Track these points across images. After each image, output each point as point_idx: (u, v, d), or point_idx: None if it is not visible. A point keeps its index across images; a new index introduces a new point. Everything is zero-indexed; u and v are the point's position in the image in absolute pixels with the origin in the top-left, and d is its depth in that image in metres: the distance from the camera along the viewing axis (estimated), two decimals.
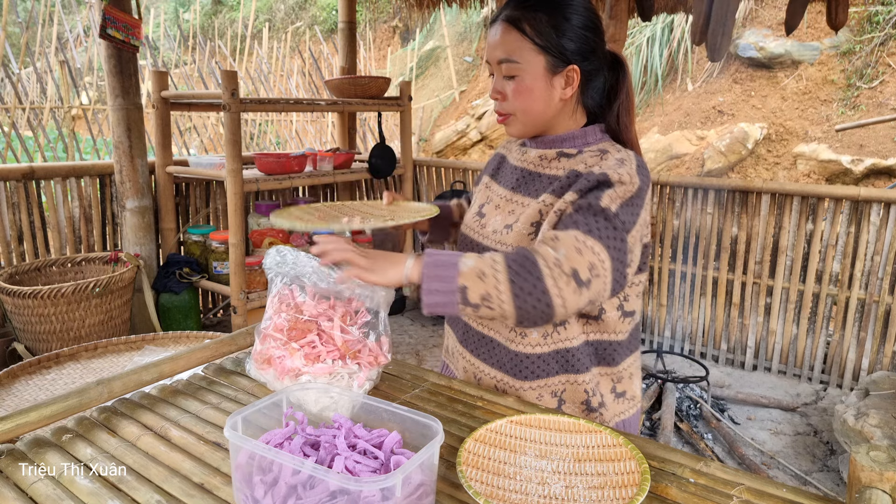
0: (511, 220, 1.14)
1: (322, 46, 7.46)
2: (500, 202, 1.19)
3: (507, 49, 1.08)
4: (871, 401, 2.43)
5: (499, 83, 1.12)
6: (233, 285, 2.90)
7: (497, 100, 1.13)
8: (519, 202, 1.15)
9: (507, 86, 1.10)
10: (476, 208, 1.24)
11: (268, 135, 7.27)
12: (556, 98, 1.10)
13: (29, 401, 1.85)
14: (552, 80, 1.09)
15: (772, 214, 3.14)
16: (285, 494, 0.69)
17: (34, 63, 5.30)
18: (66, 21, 5.92)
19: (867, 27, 6.20)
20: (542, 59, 1.07)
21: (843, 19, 2.49)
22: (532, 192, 1.14)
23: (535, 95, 1.09)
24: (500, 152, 1.32)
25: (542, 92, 1.09)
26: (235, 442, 0.73)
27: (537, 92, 1.09)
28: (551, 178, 1.13)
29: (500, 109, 1.14)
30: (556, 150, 1.15)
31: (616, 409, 1.15)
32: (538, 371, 1.11)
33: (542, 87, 1.09)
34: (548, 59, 1.07)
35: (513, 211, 1.15)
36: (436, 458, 0.73)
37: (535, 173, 1.17)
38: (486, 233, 1.17)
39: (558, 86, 1.09)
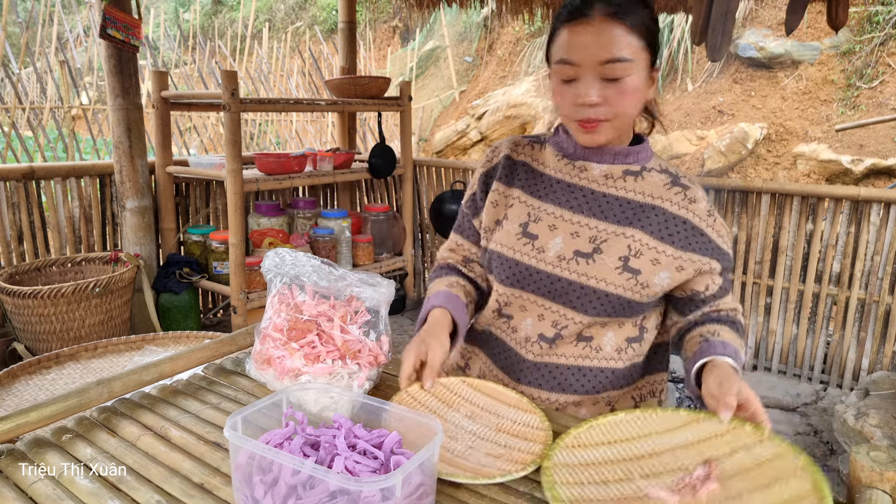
0: (582, 246, 1.04)
1: (322, 46, 7.46)
2: (557, 223, 1.07)
3: (616, 47, 0.94)
4: (871, 401, 2.43)
5: (597, 87, 0.96)
6: (233, 285, 2.90)
7: (594, 106, 0.97)
8: (586, 224, 1.05)
9: (608, 89, 0.96)
10: (516, 228, 1.09)
11: (268, 135, 7.27)
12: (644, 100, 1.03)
13: (29, 401, 1.85)
14: (647, 80, 1.01)
15: (772, 214, 3.13)
16: (285, 494, 0.69)
17: (34, 63, 5.30)
18: (66, 21, 5.92)
19: (867, 27, 6.20)
20: (647, 56, 0.99)
21: (843, 19, 2.48)
22: (602, 216, 1.05)
23: (639, 96, 0.99)
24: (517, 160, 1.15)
25: (644, 92, 1.00)
26: (235, 442, 0.73)
27: (642, 92, 0.99)
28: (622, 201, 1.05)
29: (597, 115, 0.98)
30: (620, 168, 1.07)
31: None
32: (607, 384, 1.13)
33: (645, 87, 1.00)
34: (650, 56, 0.99)
35: (578, 234, 1.05)
36: (436, 458, 0.74)
37: (601, 193, 1.07)
38: (548, 258, 1.05)
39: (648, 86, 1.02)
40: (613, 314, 1.05)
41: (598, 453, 0.84)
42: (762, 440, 0.81)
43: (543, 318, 1.08)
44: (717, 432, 0.84)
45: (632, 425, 0.88)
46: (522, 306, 1.10)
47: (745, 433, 0.83)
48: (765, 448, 0.80)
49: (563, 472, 0.79)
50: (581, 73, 0.97)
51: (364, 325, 1.03)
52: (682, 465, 0.80)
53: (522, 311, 1.10)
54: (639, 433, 0.87)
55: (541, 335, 1.08)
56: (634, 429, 0.88)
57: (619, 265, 1.02)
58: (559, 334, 1.07)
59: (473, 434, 0.92)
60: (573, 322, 1.06)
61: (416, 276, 4.17)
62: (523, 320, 1.10)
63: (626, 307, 1.04)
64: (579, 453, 0.84)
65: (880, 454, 0.74)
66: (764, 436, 0.81)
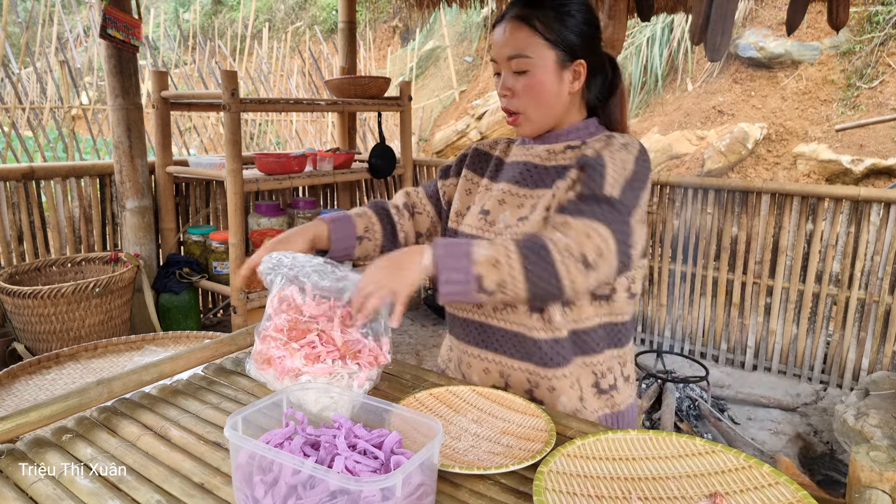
0: (524, 212, 1.14)
1: (322, 46, 7.46)
2: (505, 196, 1.19)
3: (517, 45, 1.10)
4: (871, 401, 2.43)
5: (508, 80, 1.13)
6: (233, 285, 2.90)
7: (506, 97, 1.14)
8: (528, 195, 1.16)
9: (517, 82, 1.12)
10: (477, 209, 1.22)
11: (268, 135, 7.27)
12: (565, 92, 1.14)
13: (29, 401, 1.85)
14: (562, 75, 1.12)
15: (772, 214, 3.14)
16: (285, 494, 0.69)
17: (34, 63, 5.30)
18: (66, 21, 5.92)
19: (867, 27, 6.20)
20: (552, 54, 1.11)
21: (843, 19, 2.49)
22: (542, 184, 1.16)
23: (546, 89, 1.12)
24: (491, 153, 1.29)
25: (552, 86, 1.12)
26: (235, 442, 0.73)
27: (548, 86, 1.12)
28: (559, 169, 1.15)
29: (509, 107, 1.15)
30: (563, 144, 1.18)
31: (626, 392, 1.18)
32: (561, 360, 1.12)
33: (552, 82, 1.12)
34: (557, 54, 1.11)
35: (522, 204, 1.15)
36: (436, 458, 0.74)
37: (543, 166, 1.18)
38: (497, 229, 1.17)
39: (567, 80, 1.13)
40: None
41: (599, 467, 0.82)
42: (779, 483, 0.76)
43: None
44: (731, 467, 0.80)
45: (641, 445, 0.86)
46: None
47: (762, 473, 0.78)
48: (780, 492, 0.75)
49: (556, 480, 0.78)
50: (500, 68, 1.15)
51: (364, 326, 1.03)
52: (685, 495, 0.77)
53: None
54: (646, 454, 0.84)
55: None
56: (643, 449, 0.85)
57: (546, 215, 1.12)
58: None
59: (477, 435, 0.93)
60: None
61: None
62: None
63: None
64: (579, 463, 0.82)
65: (880, 454, 0.74)
66: (781, 478, 0.77)
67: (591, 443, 0.86)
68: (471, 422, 0.96)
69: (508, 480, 0.82)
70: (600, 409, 1.15)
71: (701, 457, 0.83)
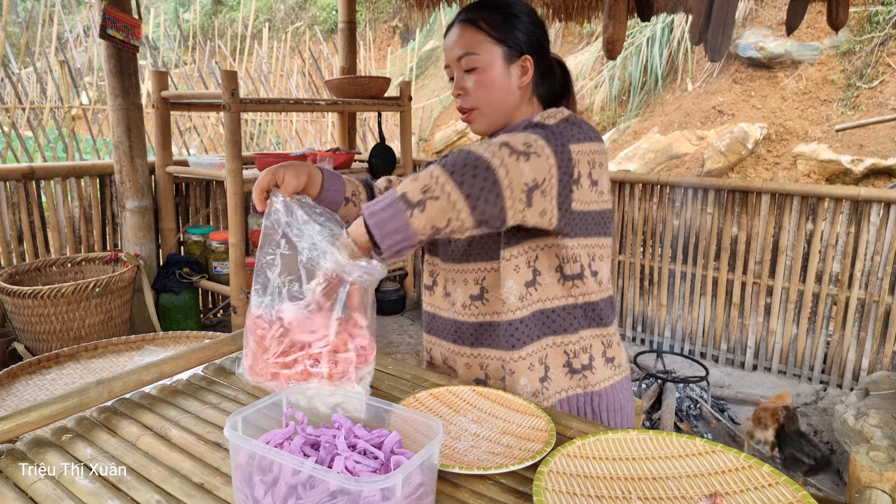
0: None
1: (322, 46, 7.46)
2: None
3: (465, 44, 1.17)
4: (871, 401, 2.43)
5: (460, 80, 1.19)
6: (233, 285, 2.90)
7: (460, 95, 1.20)
8: None
9: (468, 80, 1.18)
10: None
11: (268, 135, 7.27)
12: (515, 86, 1.18)
13: (29, 401, 1.85)
14: (509, 69, 1.18)
15: (772, 214, 3.14)
16: (285, 494, 0.69)
17: (34, 63, 5.30)
18: (66, 21, 5.92)
19: (867, 27, 6.20)
20: (498, 50, 1.16)
21: (843, 19, 2.49)
22: None
23: (495, 83, 1.17)
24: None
25: (501, 80, 1.17)
26: (235, 442, 0.73)
27: (497, 80, 1.17)
28: None
29: (464, 105, 1.20)
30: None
31: (604, 374, 1.18)
32: (524, 338, 1.13)
33: (501, 76, 1.17)
34: (504, 49, 1.17)
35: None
36: (436, 458, 0.74)
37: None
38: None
39: (515, 75, 1.18)
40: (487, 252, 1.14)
41: (599, 467, 0.82)
42: (779, 483, 0.76)
43: (466, 283, 1.19)
44: (732, 467, 0.80)
45: (641, 445, 0.86)
46: (451, 279, 1.21)
47: (762, 473, 0.78)
48: (780, 492, 0.75)
49: (556, 480, 0.77)
50: (453, 71, 1.21)
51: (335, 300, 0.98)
52: (685, 495, 0.77)
53: (453, 284, 1.21)
54: (646, 454, 0.84)
55: (471, 295, 1.18)
56: (643, 449, 0.85)
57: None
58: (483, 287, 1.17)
59: (477, 435, 0.93)
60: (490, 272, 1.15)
61: (416, 276, 4.17)
62: (455, 290, 1.21)
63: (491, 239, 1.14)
64: (579, 463, 0.82)
65: (880, 454, 0.74)
66: (781, 478, 0.76)
67: (591, 443, 0.86)
68: (471, 422, 0.96)
69: (508, 480, 0.82)
70: (570, 390, 1.16)
71: (701, 457, 0.83)
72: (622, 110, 7.19)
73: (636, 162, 6.20)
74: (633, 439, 0.87)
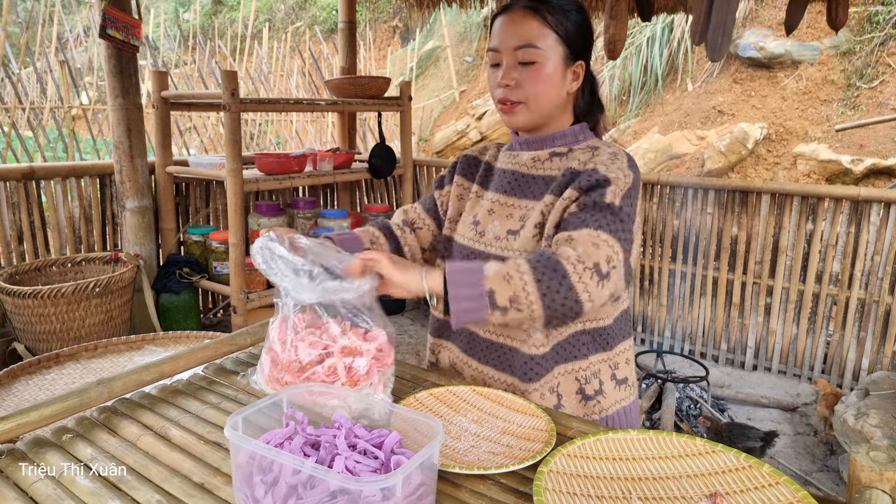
0: (513, 224, 1.14)
1: (322, 46, 7.46)
2: (495, 206, 1.19)
3: (528, 35, 1.09)
4: (871, 401, 2.43)
5: (512, 70, 1.11)
6: (233, 285, 2.90)
7: (508, 86, 1.11)
8: (516, 205, 1.16)
9: (521, 72, 1.10)
10: (469, 218, 1.22)
11: (268, 135, 7.27)
12: (565, 91, 1.13)
13: (29, 401, 1.85)
14: (565, 72, 1.12)
15: (772, 214, 3.13)
16: (286, 494, 0.70)
17: (34, 63, 5.30)
18: (66, 21, 5.92)
19: (867, 27, 6.20)
20: (561, 49, 1.10)
21: (843, 19, 2.48)
22: (530, 195, 1.15)
23: (552, 83, 1.10)
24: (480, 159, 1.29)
25: (558, 81, 1.11)
26: (236, 442, 0.73)
27: (555, 80, 1.11)
28: (548, 179, 1.14)
29: (509, 96, 1.12)
30: (547, 151, 1.17)
31: (616, 397, 1.16)
32: (541, 371, 1.12)
33: (557, 77, 1.11)
34: (566, 50, 1.10)
35: (511, 215, 1.15)
36: (436, 458, 0.74)
37: (530, 175, 1.17)
38: (487, 240, 1.16)
39: (568, 79, 1.13)
40: None
41: (599, 467, 0.82)
42: (779, 483, 0.76)
43: None
44: (731, 467, 0.80)
45: (641, 445, 0.86)
46: None
47: (762, 473, 0.78)
48: (780, 492, 0.75)
49: (556, 480, 0.77)
50: (502, 58, 1.12)
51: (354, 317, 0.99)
52: (685, 495, 0.77)
53: None
54: (646, 454, 0.84)
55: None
56: (643, 449, 0.85)
57: (536, 232, 1.11)
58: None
59: (477, 435, 0.93)
60: None
61: None
62: None
63: None
64: (579, 463, 0.82)
65: (880, 454, 0.74)
66: (781, 478, 0.77)
67: (591, 443, 0.86)
68: (471, 422, 0.96)
69: (508, 480, 0.82)
70: (586, 416, 1.14)
71: (701, 457, 0.83)
72: (622, 110, 7.19)
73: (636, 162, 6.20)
74: (633, 439, 0.87)
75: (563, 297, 0.92)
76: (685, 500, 0.77)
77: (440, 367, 1.27)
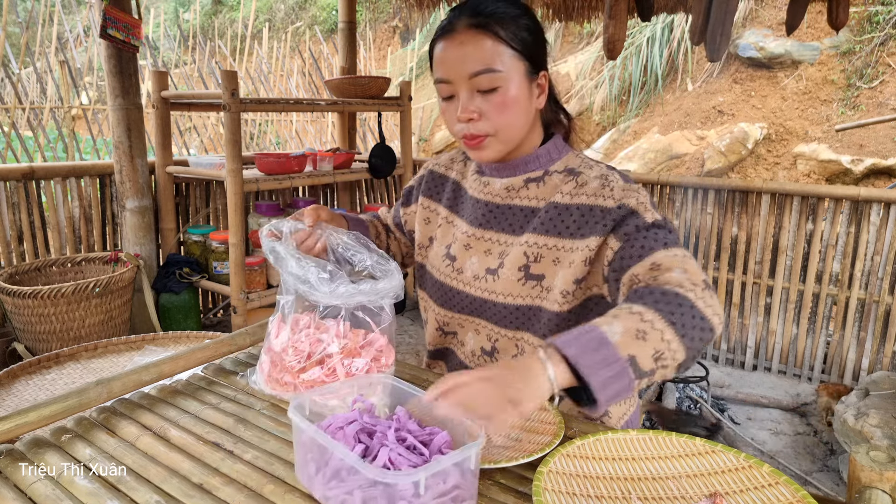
0: (491, 262, 1.06)
1: (322, 46, 7.46)
2: (470, 241, 1.10)
3: (482, 57, 0.94)
4: (871, 401, 2.43)
5: (471, 101, 0.96)
6: (233, 285, 2.90)
7: (472, 120, 0.97)
8: (493, 240, 1.08)
9: (483, 102, 0.96)
10: (442, 250, 1.13)
11: (268, 135, 7.27)
12: (533, 109, 1.01)
13: (29, 401, 1.85)
14: (531, 89, 0.99)
15: (772, 214, 3.13)
16: (331, 476, 0.74)
17: (34, 63, 5.30)
18: (66, 21, 5.91)
19: (867, 27, 6.20)
20: (522, 65, 0.96)
21: (843, 19, 2.48)
22: (508, 228, 1.06)
23: (520, 107, 0.97)
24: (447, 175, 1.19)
25: (524, 102, 0.98)
26: (297, 424, 0.77)
27: (522, 102, 0.97)
28: (525, 210, 1.05)
29: (474, 131, 0.98)
30: (521, 178, 1.07)
31: (619, 412, 1.15)
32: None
33: (524, 97, 0.98)
34: (526, 65, 0.97)
35: (489, 251, 1.07)
36: (473, 463, 0.73)
37: (505, 206, 1.07)
38: (465, 279, 1.10)
39: (534, 95, 1.00)
40: (527, 324, 1.04)
41: (599, 467, 0.82)
42: (779, 483, 0.76)
43: (479, 333, 1.12)
44: (731, 467, 0.80)
45: (641, 445, 0.86)
46: (460, 324, 1.15)
47: (762, 473, 0.78)
48: (780, 492, 0.75)
49: (556, 480, 0.77)
50: (456, 89, 0.97)
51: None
52: (685, 495, 0.77)
53: (461, 328, 1.15)
54: (646, 454, 0.84)
55: (482, 348, 1.12)
56: (643, 449, 0.85)
57: (521, 275, 1.02)
58: (494, 347, 1.11)
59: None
60: (501, 336, 1.09)
61: None
62: (465, 335, 1.15)
63: (536, 315, 1.03)
64: (579, 463, 0.82)
65: (880, 454, 0.74)
66: (781, 478, 0.77)
67: (591, 443, 0.86)
68: None
69: (508, 480, 0.82)
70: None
71: (701, 457, 0.83)
72: (622, 110, 7.19)
73: (636, 162, 6.20)
74: (633, 439, 0.87)
75: (699, 329, 0.82)
76: (685, 500, 0.77)
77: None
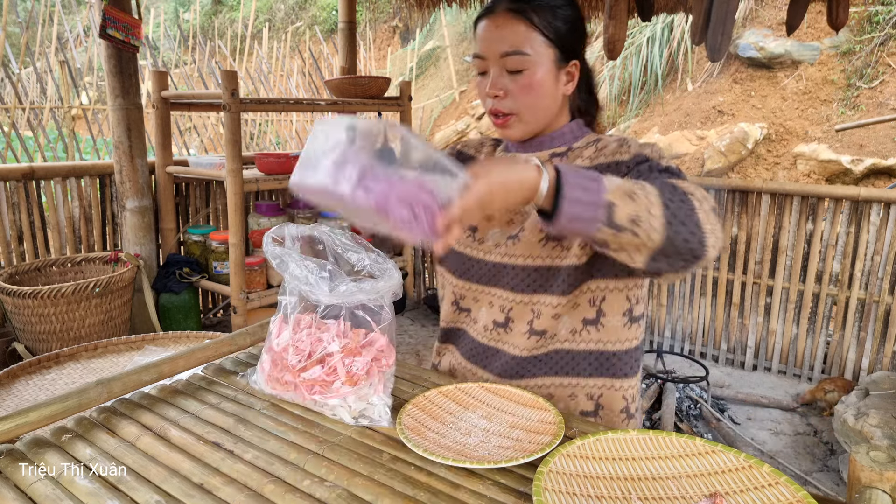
0: (513, 229, 1.10)
1: (322, 46, 7.46)
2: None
3: (514, 40, 1.01)
4: (871, 401, 2.43)
5: (499, 79, 1.04)
6: (233, 285, 2.90)
7: (497, 97, 1.05)
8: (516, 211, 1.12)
9: (510, 81, 1.03)
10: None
11: (268, 135, 7.27)
12: (560, 94, 1.08)
13: (29, 401, 1.85)
14: (558, 75, 1.05)
15: (772, 214, 3.13)
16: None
17: (34, 63, 5.30)
18: (66, 21, 5.91)
19: (867, 27, 6.20)
20: (552, 52, 1.03)
21: (843, 19, 2.48)
22: None
23: (544, 91, 1.04)
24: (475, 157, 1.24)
25: (550, 87, 1.05)
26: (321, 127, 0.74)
27: (547, 87, 1.04)
28: None
29: (500, 108, 1.05)
30: (547, 152, 1.12)
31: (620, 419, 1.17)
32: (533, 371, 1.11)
33: (550, 82, 1.04)
34: (557, 53, 1.04)
35: (511, 220, 1.11)
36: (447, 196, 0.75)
37: None
38: (485, 247, 1.12)
39: (562, 82, 1.07)
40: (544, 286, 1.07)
41: (599, 467, 0.82)
42: (779, 483, 0.76)
43: (493, 306, 1.13)
44: (731, 467, 0.80)
45: (641, 445, 0.86)
46: (475, 297, 1.16)
47: (762, 473, 0.78)
48: (780, 492, 0.75)
49: (556, 480, 0.77)
50: (488, 65, 1.05)
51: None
52: (685, 495, 0.77)
53: (476, 303, 1.16)
54: (646, 454, 0.84)
55: (494, 321, 1.14)
56: (643, 449, 0.85)
57: (541, 235, 1.06)
58: (508, 317, 1.12)
59: (487, 430, 0.93)
60: (516, 303, 1.10)
61: (416, 276, 4.17)
62: (479, 311, 1.16)
63: (554, 275, 1.07)
64: (579, 463, 0.82)
65: (880, 454, 0.74)
66: (781, 478, 0.76)
67: (591, 443, 0.86)
68: (480, 417, 0.97)
69: (508, 480, 0.82)
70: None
71: (701, 457, 0.83)
72: (622, 110, 7.19)
73: None
74: (633, 439, 0.87)
75: (689, 231, 0.81)
76: (685, 500, 0.76)
77: (440, 370, 1.26)
